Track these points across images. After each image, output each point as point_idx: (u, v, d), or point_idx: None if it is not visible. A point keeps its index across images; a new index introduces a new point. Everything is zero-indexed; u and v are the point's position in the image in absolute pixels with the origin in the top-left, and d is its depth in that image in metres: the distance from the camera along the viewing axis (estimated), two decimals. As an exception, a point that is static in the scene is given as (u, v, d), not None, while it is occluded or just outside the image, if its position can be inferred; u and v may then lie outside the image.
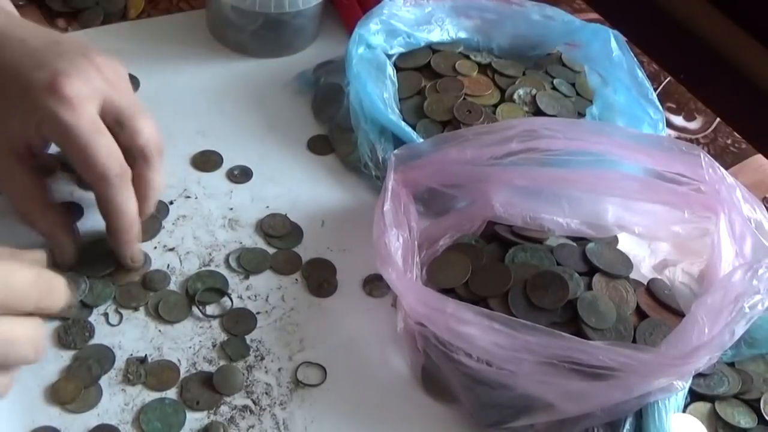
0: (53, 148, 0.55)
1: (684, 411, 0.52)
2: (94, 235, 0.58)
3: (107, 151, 0.51)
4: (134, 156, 0.53)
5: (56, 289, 0.43)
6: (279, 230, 0.62)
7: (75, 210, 0.59)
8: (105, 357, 0.53)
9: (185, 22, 0.77)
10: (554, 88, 0.71)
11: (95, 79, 0.51)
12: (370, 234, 0.55)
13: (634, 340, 0.53)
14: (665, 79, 0.83)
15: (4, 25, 0.53)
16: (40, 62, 0.50)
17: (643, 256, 0.62)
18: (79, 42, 0.54)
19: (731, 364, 0.55)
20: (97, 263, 0.56)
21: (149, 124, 0.53)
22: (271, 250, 0.61)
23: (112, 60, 0.54)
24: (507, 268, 0.56)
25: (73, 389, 0.51)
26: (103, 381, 0.52)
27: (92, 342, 0.53)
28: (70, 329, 0.53)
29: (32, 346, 0.41)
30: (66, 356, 0.52)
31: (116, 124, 0.52)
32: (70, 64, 0.50)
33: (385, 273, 0.53)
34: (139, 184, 0.54)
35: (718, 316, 0.49)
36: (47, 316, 0.44)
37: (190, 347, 0.54)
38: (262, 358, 0.55)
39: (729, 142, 0.78)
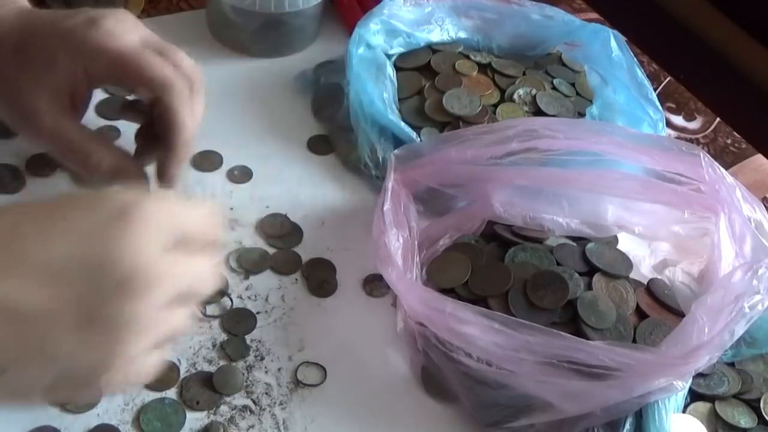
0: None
1: (684, 411, 0.52)
2: None
3: (162, 63, 0.52)
4: (183, 81, 0.54)
5: (218, 233, 0.43)
6: (279, 230, 0.62)
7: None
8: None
9: (185, 22, 0.77)
10: (554, 88, 0.71)
11: (126, 19, 0.53)
12: (370, 234, 0.55)
13: (634, 340, 0.53)
14: (665, 79, 0.83)
15: (26, 5, 0.55)
16: (72, 15, 0.52)
17: (643, 256, 0.62)
18: None
19: (731, 364, 0.55)
20: None
21: (187, 56, 0.55)
22: (271, 250, 0.61)
23: None
24: (507, 268, 0.56)
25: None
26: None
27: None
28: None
29: (212, 280, 0.42)
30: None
31: (160, 54, 0.53)
32: (101, 10, 0.53)
33: (385, 273, 0.53)
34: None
35: (718, 316, 0.49)
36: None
37: (190, 347, 0.54)
38: (262, 358, 0.55)
39: (729, 142, 0.78)
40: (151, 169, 0.55)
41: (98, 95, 0.66)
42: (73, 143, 0.53)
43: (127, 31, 0.52)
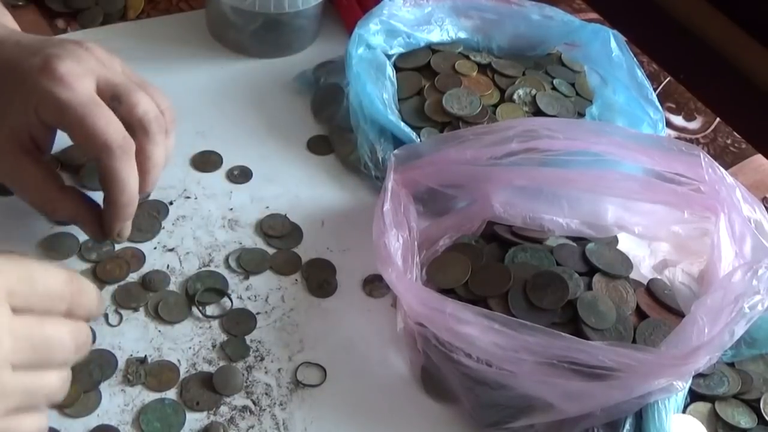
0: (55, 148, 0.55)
1: (684, 411, 0.52)
2: None
3: (107, 120, 0.50)
4: (134, 129, 0.52)
5: (88, 292, 0.43)
6: (279, 230, 0.62)
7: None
8: (107, 362, 0.52)
9: (185, 22, 0.77)
10: (554, 88, 0.71)
11: (87, 59, 0.52)
12: (370, 234, 0.55)
13: (634, 340, 0.53)
14: (665, 79, 0.83)
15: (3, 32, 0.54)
16: (33, 52, 0.51)
17: (643, 256, 0.62)
18: (72, 39, 0.54)
19: (731, 364, 0.55)
20: None
21: (147, 98, 0.53)
22: (270, 251, 0.61)
23: (104, 47, 0.54)
24: (507, 268, 0.56)
25: (73, 393, 0.50)
26: (103, 383, 0.52)
27: (93, 344, 0.53)
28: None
29: (74, 345, 0.41)
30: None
31: (113, 99, 0.52)
32: (61, 49, 0.51)
33: (385, 273, 0.53)
34: (140, 158, 0.53)
35: (718, 316, 0.49)
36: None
37: (189, 348, 0.54)
38: (262, 359, 0.55)
39: (729, 142, 0.78)
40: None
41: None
42: (30, 186, 0.53)
43: (81, 76, 0.50)
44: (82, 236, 0.57)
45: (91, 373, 0.51)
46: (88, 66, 0.51)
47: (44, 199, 0.54)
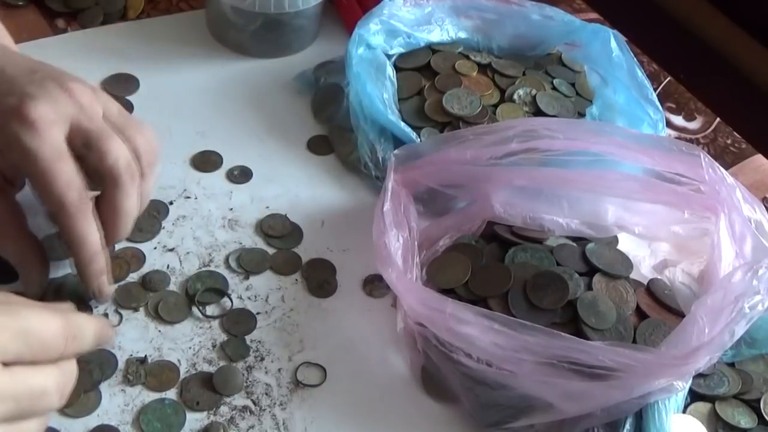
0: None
1: (684, 411, 0.52)
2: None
3: (67, 178, 0.49)
4: (104, 179, 0.51)
5: (84, 334, 0.43)
6: (279, 230, 0.62)
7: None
8: (107, 362, 0.52)
9: (185, 22, 0.77)
10: (554, 88, 0.71)
11: (64, 103, 0.50)
12: (370, 234, 0.55)
13: (634, 341, 0.53)
14: (665, 79, 0.83)
15: None
16: (11, 89, 0.49)
17: (643, 256, 0.62)
18: (58, 70, 0.52)
19: (731, 364, 0.55)
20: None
21: (119, 144, 0.51)
22: (271, 251, 0.61)
23: (88, 85, 0.52)
24: (507, 268, 0.56)
25: (73, 393, 0.50)
26: (103, 382, 0.52)
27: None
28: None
29: (58, 394, 0.42)
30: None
31: (84, 146, 0.50)
32: (39, 89, 0.49)
33: (385, 273, 0.53)
34: (107, 209, 0.51)
35: (718, 316, 0.49)
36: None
37: (190, 348, 0.54)
38: (262, 359, 0.55)
39: (729, 142, 0.78)
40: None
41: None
42: None
43: (52, 123, 0.48)
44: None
45: (91, 373, 0.51)
46: (63, 111, 0.49)
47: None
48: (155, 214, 0.61)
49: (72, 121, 0.50)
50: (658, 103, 0.69)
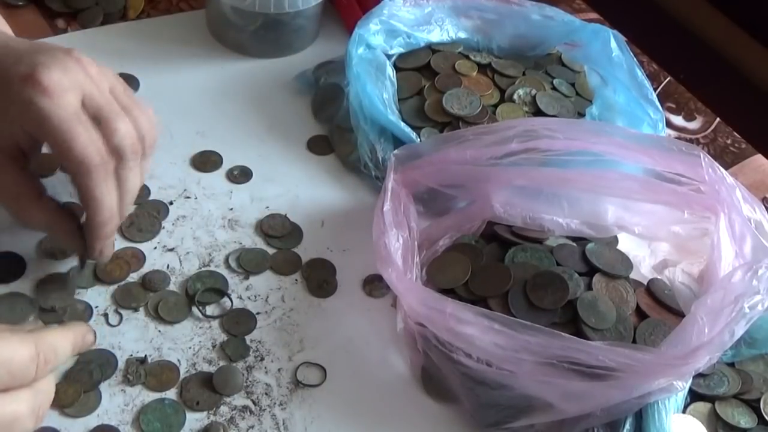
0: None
1: (684, 411, 0.52)
2: None
3: (87, 138, 0.49)
4: (109, 154, 0.51)
5: (57, 353, 0.43)
6: (279, 230, 0.62)
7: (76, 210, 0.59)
8: (107, 362, 0.52)
9: (185, 22, 0.77)
10: (554, 88, 0.71)
11: (76, 72, 0.50)
12: (370, 234, 0.55)
13: (634, 340, 0.53)
14: (665, 79, 0.83)
15: None
16: (20, 58, 0.50)
17: (643, 256, 0.62)
18: (64, 47, 0.53)
19: (731, 364, 0.55)
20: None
21: (127, 124, 0.51)
22: (270, 251, 0.61)
23: (96, 62, 0.53)
24: (507, 268, 0.56)
25: (73, 393, 0.50)
26: (103, 382, 0.52)
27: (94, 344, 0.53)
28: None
29: (33, 417, 0.42)
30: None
31: (94, 120, 0.50)
32: (50, 57, 0.50)
33: (385, 273, 0.53)
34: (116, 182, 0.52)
35: (718, 316, 0.49)
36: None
37: (189, 347, 0.54)
38: (262, 359, 0.55)
39: (729, 142, 0.78)
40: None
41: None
42: (7, 193, 0.52)
43: (67, 90, 0.49)
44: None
45: (91, 373, 0.52)
46: (75, 79, 0.50)
47: (20, 206, 0.53)
48: (155, 214, 0.61)
49: (84, 91, 0.50)
50: (658, 103, 0.69)
